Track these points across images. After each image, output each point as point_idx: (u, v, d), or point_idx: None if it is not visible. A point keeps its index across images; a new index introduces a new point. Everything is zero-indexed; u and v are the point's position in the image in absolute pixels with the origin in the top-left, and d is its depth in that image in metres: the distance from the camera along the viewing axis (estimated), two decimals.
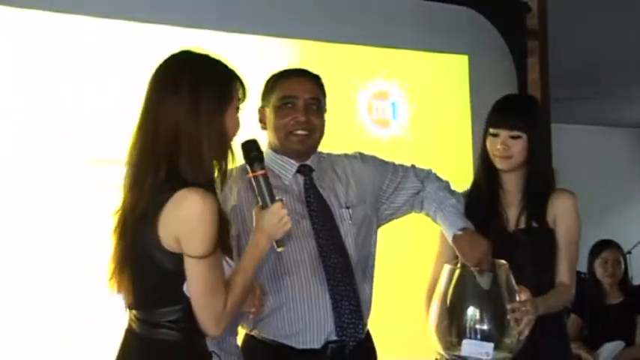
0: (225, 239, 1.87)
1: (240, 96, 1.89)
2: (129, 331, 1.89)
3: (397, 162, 2.60)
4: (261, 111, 2.43)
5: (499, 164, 2.54)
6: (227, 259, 1.88)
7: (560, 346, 2.56)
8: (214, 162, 1.84)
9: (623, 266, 4.52)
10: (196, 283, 1.78)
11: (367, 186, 2.46)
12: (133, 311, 1.88)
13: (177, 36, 3.21)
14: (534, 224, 2.52)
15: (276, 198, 1.98)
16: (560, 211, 2.53)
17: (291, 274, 2.27)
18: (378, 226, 2.51)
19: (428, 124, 3.88)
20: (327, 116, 2.52)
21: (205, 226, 1.75)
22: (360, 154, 2.57)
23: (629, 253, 5.85)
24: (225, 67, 1.89)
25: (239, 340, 2.34)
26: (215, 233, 1.77)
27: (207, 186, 1.80)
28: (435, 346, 1.93)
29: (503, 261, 1.95)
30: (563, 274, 2.50)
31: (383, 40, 3.78)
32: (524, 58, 4.31)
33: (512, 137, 2.50)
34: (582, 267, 4.86)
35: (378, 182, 2.48)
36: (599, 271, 4.48)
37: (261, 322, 2.30)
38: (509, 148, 2.50)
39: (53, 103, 2.99)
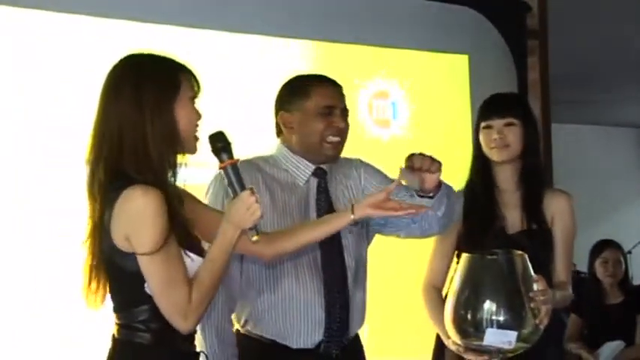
0: (184, 234, 1.83)
1: (195, 88, 1.87)
2: (112, 337, 1.89)
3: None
4: (285, 116, 2.36)
5: (497, 155, 2.54)
6: (190, 253, 1.84)
7: (556, 345, 2.58)
8: (165, 156, 1.81)
9: (623, 266, 4.51)
10: (153, 280, 1.76)
11: (360, 194, 2.45)
12: (114, 315, 1.88)
13: (178, 36, 3.21)
14: (534, 226, 2.54)
15: (247, 186, 1.90)
16: (557, 212, 2.56)
17: (289, 276, 2.28)
18: (373, 234, 2.50)
19: (428, 124, 3.87)
20: None
21: (148, 221, 1.73)
22: (360, 161, 2.53)
23: (630, 252, 5.84)
24: (170, 60, 1.87)
25: None
26: (162, 227, 1.74)
27: (155, 182, 1.77)
28: (452, 336, 1.91)
29: (520, 251, 1.95)
30: (561, 273, 2.53)
31: (383, 40, 3.78)
32: (524, 57, 4.31)
33: (507, 125, 2.52)
34: (583, 267, 4.87)
35: (367, 191, 2.46)
36: (599, 271, 4.47)
37: (257, 318, 2.30)
38: (505, 136, 2.51)
39: (53, 103, 2.99)
